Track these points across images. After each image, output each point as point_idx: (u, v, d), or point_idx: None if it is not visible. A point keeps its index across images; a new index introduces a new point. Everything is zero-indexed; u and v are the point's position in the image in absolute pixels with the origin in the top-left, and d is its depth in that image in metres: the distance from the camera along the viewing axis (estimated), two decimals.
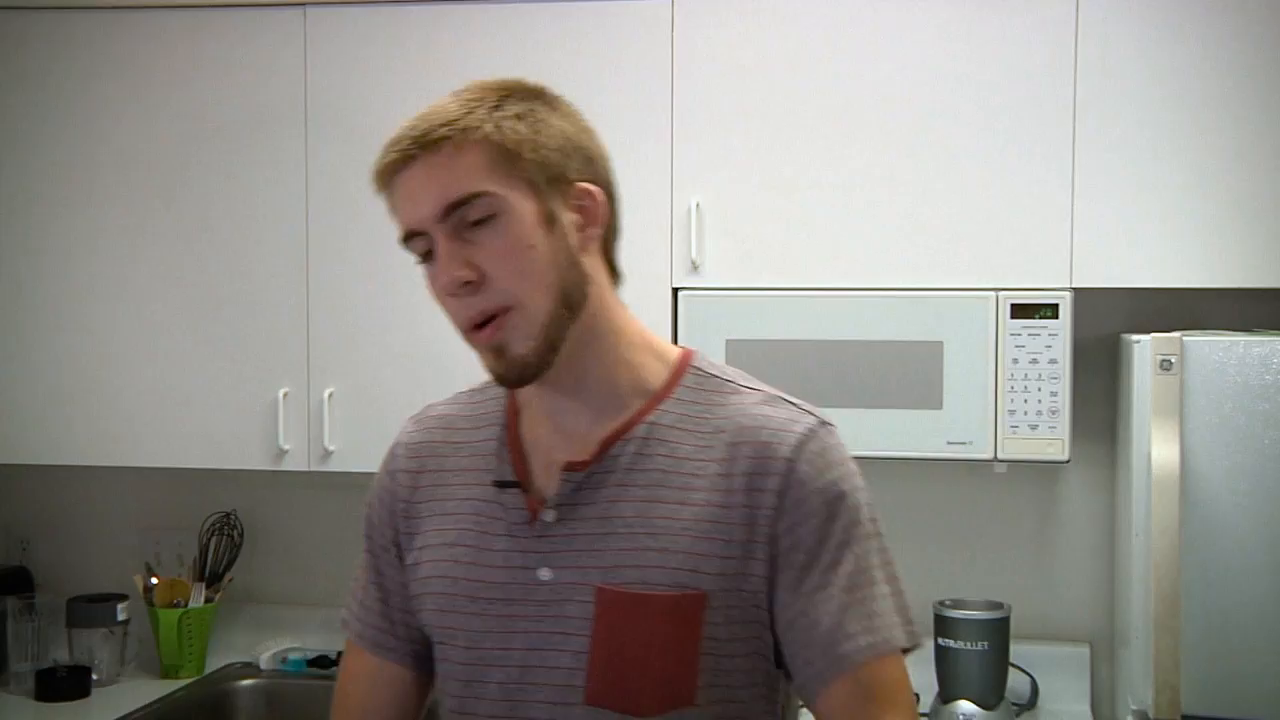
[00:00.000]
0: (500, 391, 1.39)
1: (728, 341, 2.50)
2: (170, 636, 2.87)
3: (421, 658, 1.43)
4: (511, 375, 1.28)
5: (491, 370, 1.29)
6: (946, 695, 2.55)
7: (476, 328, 1.27)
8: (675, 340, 2.52)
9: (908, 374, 2.44)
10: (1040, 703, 2.67)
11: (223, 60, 2.69)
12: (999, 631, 2.54)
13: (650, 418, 1.32)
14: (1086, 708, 2.70)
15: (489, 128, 1.25)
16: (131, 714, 2.63)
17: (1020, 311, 2.41)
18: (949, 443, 2.44)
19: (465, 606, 1.34)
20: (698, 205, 2.53)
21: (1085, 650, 2.75)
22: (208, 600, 2.91)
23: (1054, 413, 2.41)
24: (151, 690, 2.79)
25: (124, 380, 2.73)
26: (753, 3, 2.53)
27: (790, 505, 1.28)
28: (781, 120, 2.52)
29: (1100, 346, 2.70)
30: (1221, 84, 2.39)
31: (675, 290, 2.55)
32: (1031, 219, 2.45)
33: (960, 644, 2.52)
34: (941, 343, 2.44)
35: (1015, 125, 2.45)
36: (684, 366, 1.36)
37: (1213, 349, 2.19)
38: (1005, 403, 2.42)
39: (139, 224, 2.72)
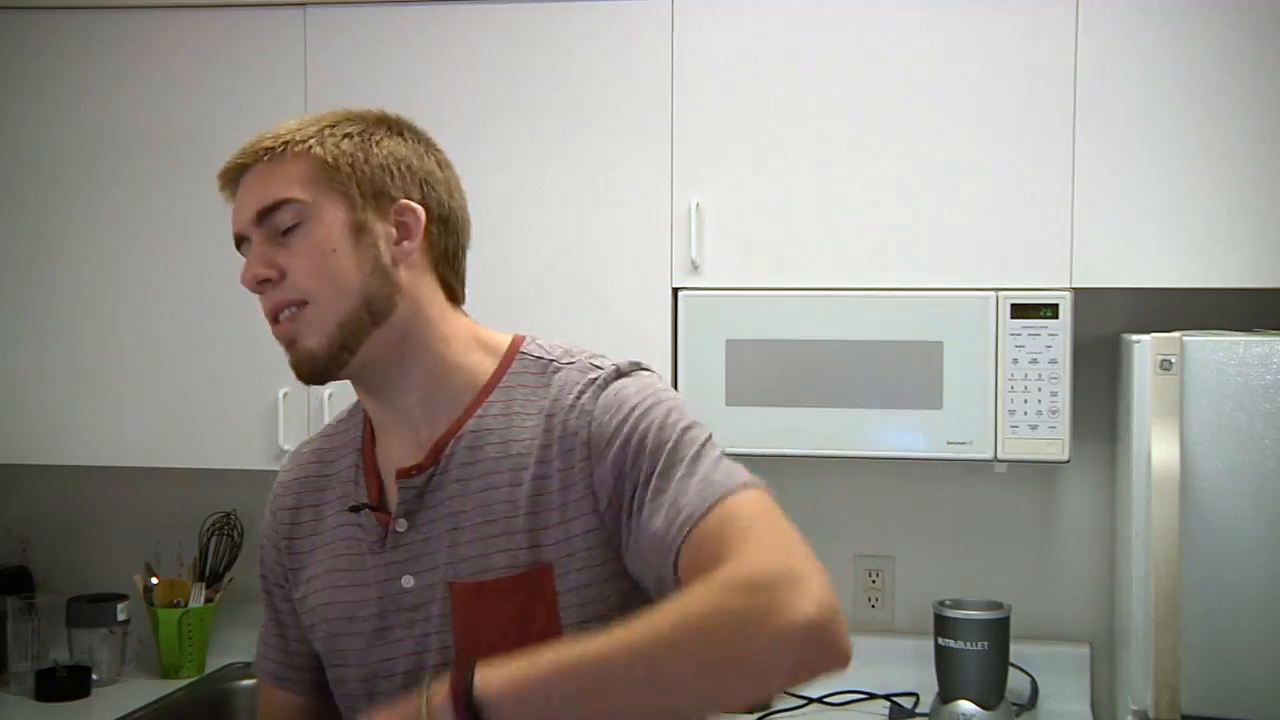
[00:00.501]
0: (358, 419, 1.45)
1: (728, 341, 2.50)
2: (170, 636, 2.87)
3: (322, 685, 1.47)
4: (304, 369, 1.33)
5: (290, 365, 1.35)
6: (946, 695, 2.55)
7: (276, 321, 1.34)
8: (675, 340, 2.52)
9: (908, 374, 2.44)
10: (1040, 703, 2.67)
11: (223, 60, 2.69)
12: (999, 631, 2.54)
13: (479, 411, 1.35)
14: (1086, 708, 2.70)
15: (313, 143, 1.34)
16: (131, 714, 2.63)
17: (1020, 311, 2.41)
18: (949, 443, 2.44)
19: (346, 628, 1.39)
20: (698, 205, 2.53)
21: (1085, 650, 2.75)
22: (208, 600, 2.91)
23: (1054, 413, 2.41)
24: (151, 690, 2.79)
25: (124, 380, 2.73)
26: (752, 3, 2.53)
27: (598, 450, 1.29)
28: (782, 120, 2.52)
29: (1100, 346, 2.70)
30: (1221, 84, 2.39)
31: (675, 290, 2.55)
32: (1031, 219, 2.44)
33: (960, 644, 2.52)
34: (941, 343, 2.44)
35: (1015, 125, 2.45)
36: (512, 355, 1.39)
37: (1213, 349, 2.19)
38: (1005, 403, 2.42)
39: (139, 224, 2.72)
